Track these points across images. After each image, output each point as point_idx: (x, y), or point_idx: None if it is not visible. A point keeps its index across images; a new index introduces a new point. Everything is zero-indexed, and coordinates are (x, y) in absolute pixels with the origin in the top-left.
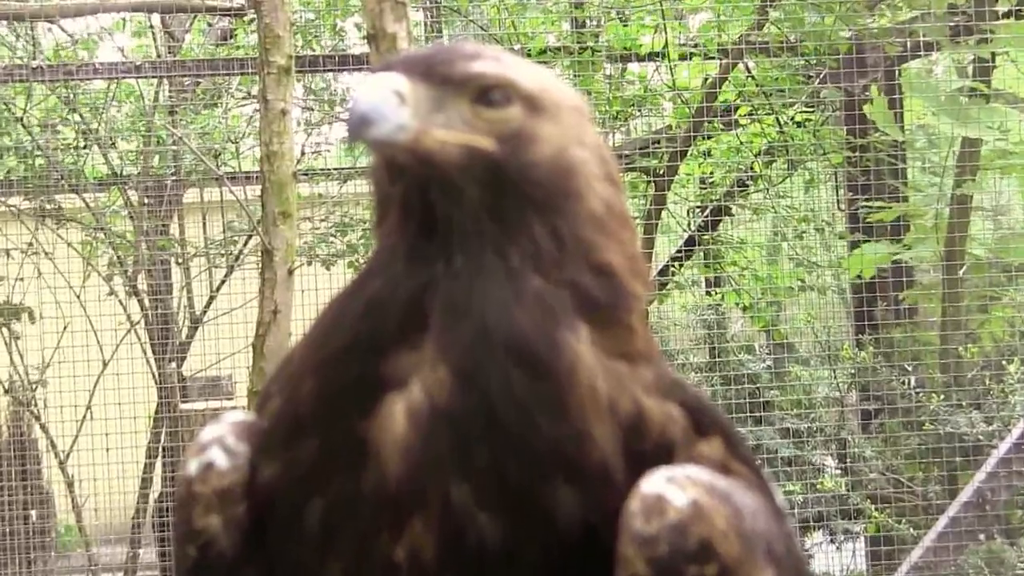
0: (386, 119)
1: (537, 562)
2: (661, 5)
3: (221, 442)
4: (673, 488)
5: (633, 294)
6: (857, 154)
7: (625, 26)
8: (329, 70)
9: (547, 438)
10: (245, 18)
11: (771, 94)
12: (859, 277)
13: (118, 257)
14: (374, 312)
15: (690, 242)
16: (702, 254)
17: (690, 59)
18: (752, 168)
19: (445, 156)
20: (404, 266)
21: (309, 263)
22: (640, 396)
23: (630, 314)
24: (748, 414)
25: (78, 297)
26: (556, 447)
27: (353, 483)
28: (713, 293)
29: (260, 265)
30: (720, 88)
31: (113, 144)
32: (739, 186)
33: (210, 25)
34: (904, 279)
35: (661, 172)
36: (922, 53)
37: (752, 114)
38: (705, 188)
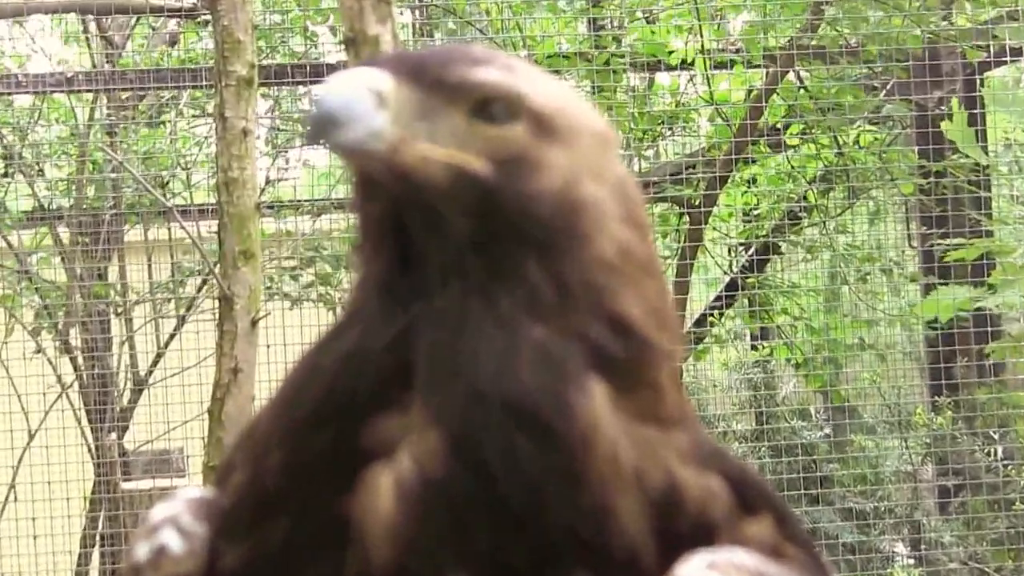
0: (358, 121)
1: None
2: (696, 4)
3: (175, 522)
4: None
5: (657, 348)
6: (931, 180)
7: (652, 28)
8: (299, 82)
9: (560, 516)
10: (198, 20)
11: (828, 109)
12: (934, 327)
13: (46, 307)
14: (350, 367)
15: (732, 287)
16: (746, 301)
17: (730, 67)
18: (806, 198)
19: (427, 175)
20: (379, 305)
21: (271, 299)
22: (674, 466)
23: (656, 371)
24: (803, 491)
25: None
26: (571, 527)
27: (332, 570)
28: (760, 348)
29: (217, 315)
30: (767, 102)
31: (40, 172)
32: (790, 219)
33: (155, 29)
34: (988, 329)
35: (697, 203)
36: (1008, 59)
37: (805, 133)
38: (749, 222)
